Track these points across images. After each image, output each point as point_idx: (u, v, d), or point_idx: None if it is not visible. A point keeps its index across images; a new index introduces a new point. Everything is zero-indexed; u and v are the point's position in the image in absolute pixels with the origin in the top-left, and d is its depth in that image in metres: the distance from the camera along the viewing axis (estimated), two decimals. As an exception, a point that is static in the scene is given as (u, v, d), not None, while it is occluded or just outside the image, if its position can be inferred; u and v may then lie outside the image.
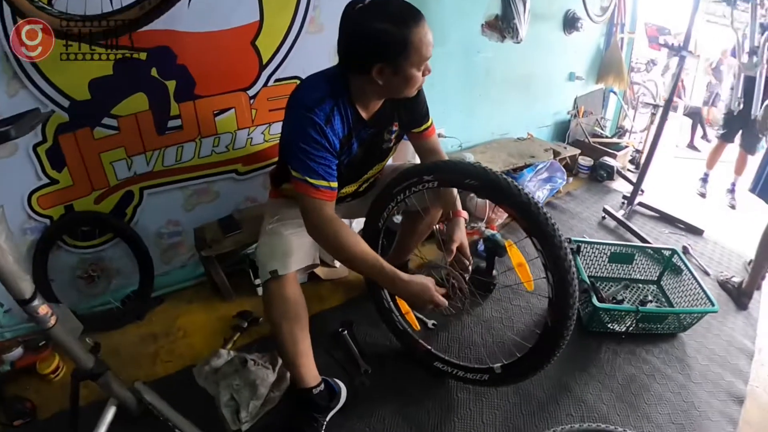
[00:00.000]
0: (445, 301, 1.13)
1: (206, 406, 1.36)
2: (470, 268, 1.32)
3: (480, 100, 2.60)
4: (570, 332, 1.11)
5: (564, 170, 2.68)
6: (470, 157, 2.42)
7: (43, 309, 1.00)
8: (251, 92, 1.75)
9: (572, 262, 1.02)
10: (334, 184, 1.13)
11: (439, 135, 2.42)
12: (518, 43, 2.17)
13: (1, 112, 1.28)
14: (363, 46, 1.04)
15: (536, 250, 1.04)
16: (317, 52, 1.76)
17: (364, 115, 1.19)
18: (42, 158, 1.47)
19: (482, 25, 2.14)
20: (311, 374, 1.27)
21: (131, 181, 1.69)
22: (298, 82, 1.77)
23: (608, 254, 2.04)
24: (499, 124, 2.93)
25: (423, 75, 1.12)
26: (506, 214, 2.30)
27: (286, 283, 1.22)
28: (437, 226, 1.65)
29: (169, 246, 1.88)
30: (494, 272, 1.93)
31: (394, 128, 1.32)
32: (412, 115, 1.33)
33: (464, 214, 1.39)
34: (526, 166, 2.56)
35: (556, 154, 2.82)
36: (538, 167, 2.53)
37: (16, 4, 1.13)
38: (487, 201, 2.23)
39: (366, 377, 1.49)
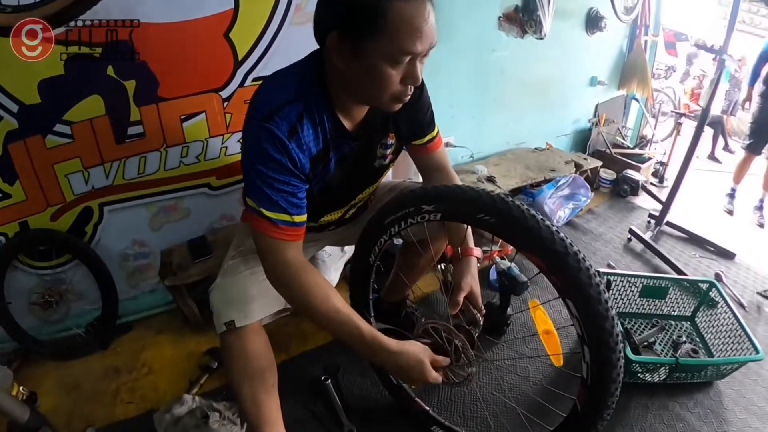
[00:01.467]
0: (440, 378, 0.90)
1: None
2: (481, 322, 1.04)
3: (494, 105, 2.33)
4: (605, 424, 0.85)
5: (588, 186, 2.41)
6: (483, 170, 2.16)
7: None
8: (225, 94, 1.50)
9: (619, 337, 0.75)
10: (300, 218, 0.87)
11: (447, 144, 2.16)
12: (541, 39, 1.91)
13: None
14: (324, 2, 0.77)
15: (571, 316, 0.77)
16: (304, 46, 1.42)
17: (346, 123, 0.91)
18: None
19: (499, 17, 1.87)
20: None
21: (89, 196, 1.46)
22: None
23: (640, 288, 1.77)
24: (515, 132, 2.66)
25: (404, 83, 0.81)
26: None
27: (247, 335, 0.97)
28: (442, 265, 1.36)
29: (136, 269, 1.65)
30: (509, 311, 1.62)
31: (390, 141, 1.04)
32: (413, 122, 1.04)
33: (477, 252, 1.08)
34: (546, 180, 2.29)
35: (578, 167, 2.55)
36: (560, 183, 2.26)
37: None
38: None
39: (349, 439, 1.23)
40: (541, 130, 2.79)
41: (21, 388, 1.26)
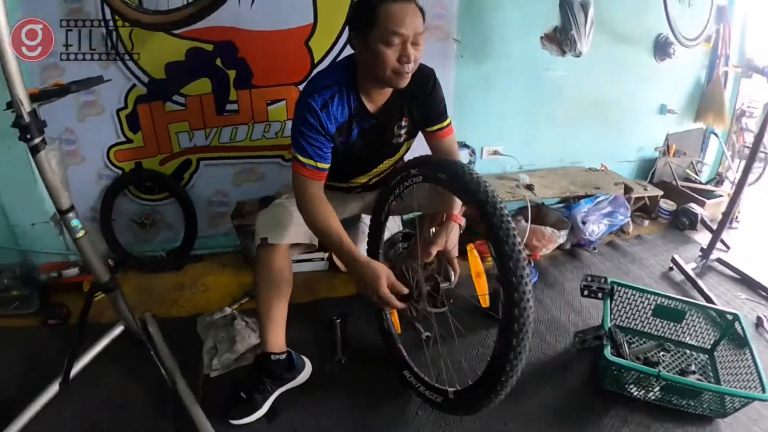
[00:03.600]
0: (392, 298, 1.07)
1: (195, 351, 1.52)
2: (454, 279, 1.24)
3: (546, 121, 2.48)
4: (516, 369, 0.96)
5: (628, 207, 2.40)
6: (525, 179, 2.31)
7: (75, 221, 1.23)
8: (301, 87, 1.93)
9: (526, 279, 0.92)
10: (323, 165, 1.21)
11: (495, 152, 2.36)
12: (577, 56, 2.02)
13: None
14: (349, 13, 1.12)
15: (492, 258, 0.98)
16: None
17: (369, 106, 1.25)
18: (122, 121, 1.80)
19: (541, 37, 2.05)
20: (276, 342, 1.33)
21: (191, 151, 1.97)
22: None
23: (653, 305, 1.71)
24: (570, 150, 2.74)
25: (401, 62, 1.11)
26: (552, 244, 2.15)
27: (275, 252, 1.30)
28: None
29: (216, 213, 2.14)
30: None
31: (404, 123, 1.34)
32: (426, 111, 1.33)
33: (460, 220, 1.31)
34: (587, 196, 2.36)
35: (627, 189, 2.54)
36: (599, 199, 2.31)
37: (112, 4, 1.43)
38: (529, 226, 2.11)
39: (336, 366, 1.50)
40: (600, 152, 2.81)
41: (110, 259, 1.75)
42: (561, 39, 1.93)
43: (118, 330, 1.43)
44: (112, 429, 1.27)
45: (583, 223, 2.16)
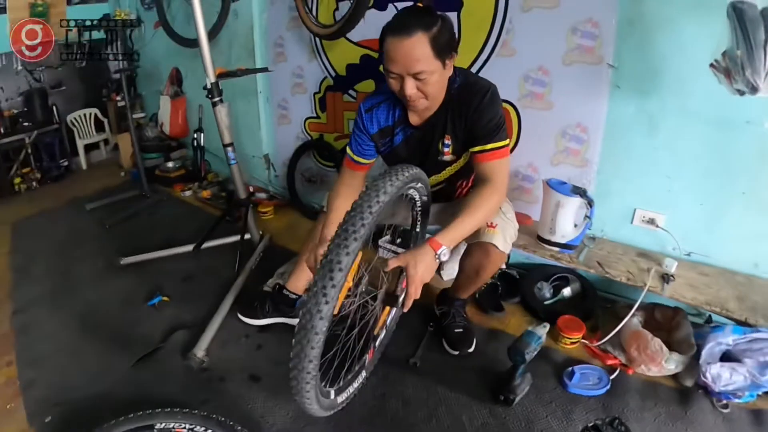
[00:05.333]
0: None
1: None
2: (402, 302, 1.12)
3: (742, 202, 1.58)
4: None
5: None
6: (669, 265, 1.59)
7: (230, 154, 2.01)
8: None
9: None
10: (359, 159, 1.44)
11: (652, 221, 1.76)
12: (750, 93, 1.18)
13: (302, 69, 2.41)
14: None
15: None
16: (506, 75, 1.79)
17: (413, 118, 1.37)
18: (316, 102, 2.50)
19: (711, 64, 1.29)
20: (295, 284, 1.65)
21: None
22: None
23: None
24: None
25: (404, 90, 1.18)
26: (655, 365, 1.47)
27: (322, 221, 1.47)
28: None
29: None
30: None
31: (447, 141, 1.37)
32: (471, 132, 1.30)
33: (437, 246, 1.12)
34: (745, 323, 1.45)
35: None
36: (760, 336, 1.38)
37: (302, 19, 2.07)
38: (627, 319, 1.53)
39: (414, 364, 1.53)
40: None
41: (250, 187, 2.51)
42: (730, 65, 1.20)
43: (247, 236, 2.20)
44: (198, 281, 2.02)
45: (709, 363, 1.38)
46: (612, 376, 1.47)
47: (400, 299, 1.13)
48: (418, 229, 1.50)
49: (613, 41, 1.58)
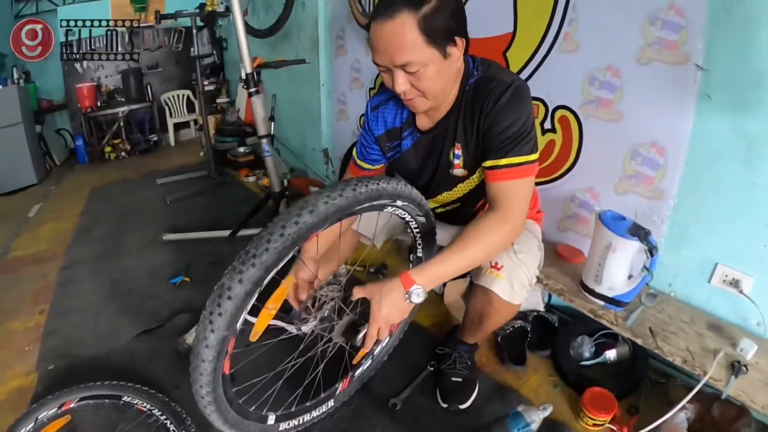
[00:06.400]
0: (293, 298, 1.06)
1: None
2: (359, 339, 0.94)
3: None
4: None
5: None
6: (747, 348, 1.13)
7: (265, 146, 2.00)
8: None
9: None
10: (362, 164, 1.28)
11: (735, 284, 1.24)
12: None
13: (359, 63, 2.30)
14: None
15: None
16: (568, 76, 1.48)
17: (421, 120, 1.15)
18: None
19: None
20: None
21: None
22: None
23: None
24: None
25: (396, 86, 0.96)
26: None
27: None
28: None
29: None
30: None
31: (457, 151, 1.12)
32: (482, 139, 1.03)
33: (408, 283, 0.90)
34: None
35: None
36: None
37: (352, 9, 1.95)
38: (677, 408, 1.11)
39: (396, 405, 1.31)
40: None
41: (286, 181, 2.47)
42: None
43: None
44: (223, 268, 1.99)
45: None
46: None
47: (359, 337, 0.94)
48: (420, 254, 1.27)
49: (703, 35, 1.16)
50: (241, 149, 3.39)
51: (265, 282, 0.77)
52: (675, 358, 1.16)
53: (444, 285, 1.66)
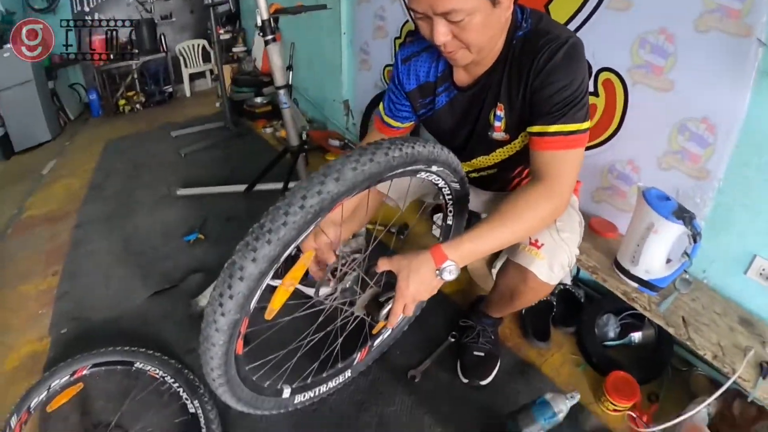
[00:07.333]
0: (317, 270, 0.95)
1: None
2: (381, 316, 0.87)
3: None
4: None
5: None
6: None
7: (283, 97, 1.86)
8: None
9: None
10: (390, 121, 1.16)
11: None
12: None
13: (384, 10, 2.09)
14: None
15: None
16: (616, 35, 1.29)
17: (459, 76, 1.02)
18: (396, 47, 2.14)
19: None
20: None
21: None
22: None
23: None
24: None
25: (435, 36, 0.83)
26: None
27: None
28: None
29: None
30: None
31: (499, 112, 0.99)
32: (531, 105, 0.91)
33: (441, 258, 0.81)
34: None
35: None
36: None
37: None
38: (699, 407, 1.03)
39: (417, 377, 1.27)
40: None
41: (304, 131, 2.32)
42: None
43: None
44: (238, 224, 1.95)
45: None
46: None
47: (383, 312, 0.86)
48: (450, 222, 1.17)
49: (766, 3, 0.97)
50: (258, 99, 3.25)
51: (282, 259, 0.68)
52: (706, 353, 1.06)
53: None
